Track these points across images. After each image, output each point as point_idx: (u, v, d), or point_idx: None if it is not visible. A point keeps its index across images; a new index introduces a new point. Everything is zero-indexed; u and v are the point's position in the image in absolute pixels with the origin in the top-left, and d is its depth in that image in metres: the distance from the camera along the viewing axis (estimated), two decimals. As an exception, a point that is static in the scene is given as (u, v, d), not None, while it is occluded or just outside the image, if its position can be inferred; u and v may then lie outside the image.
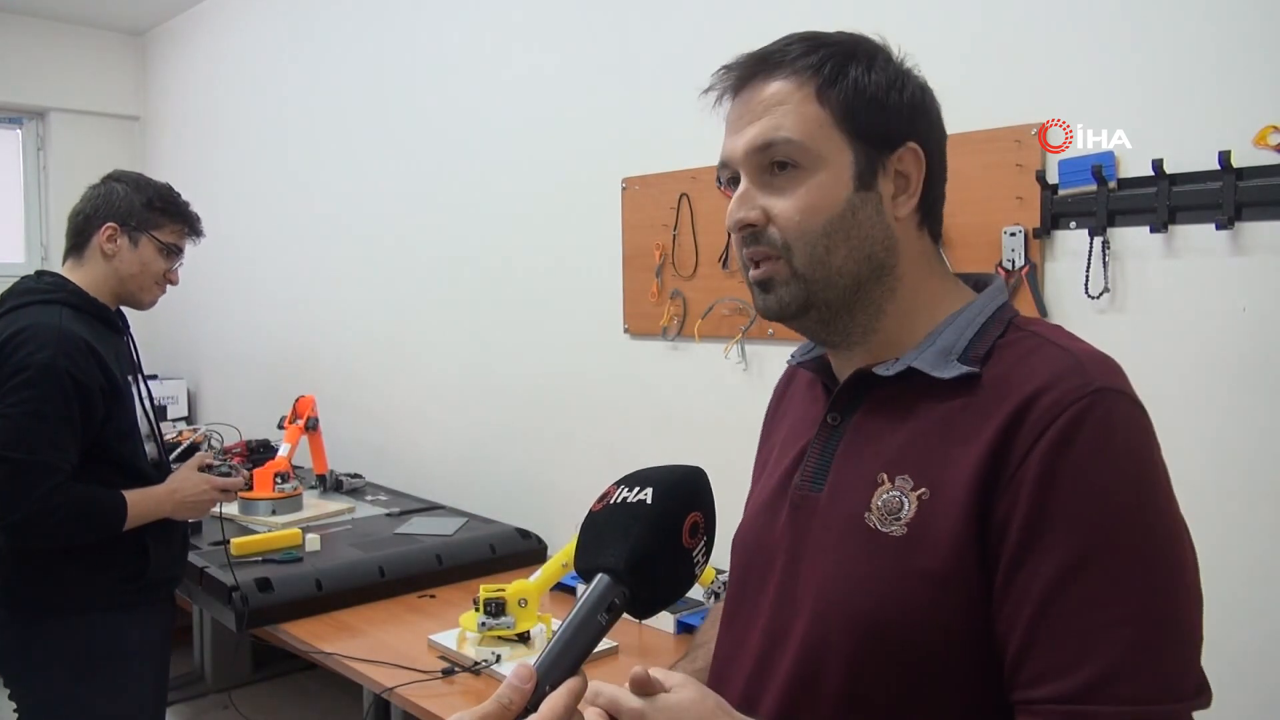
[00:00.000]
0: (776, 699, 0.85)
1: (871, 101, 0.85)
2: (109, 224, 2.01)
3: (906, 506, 0.80)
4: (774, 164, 0.86)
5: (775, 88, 0.86)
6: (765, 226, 0.86)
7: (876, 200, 0.86)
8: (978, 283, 0.93)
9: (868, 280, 0.86)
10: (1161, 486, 0.77)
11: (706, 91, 0.91)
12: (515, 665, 0.70)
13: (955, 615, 0.77)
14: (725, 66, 0.90)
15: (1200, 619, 0.77)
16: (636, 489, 0.79)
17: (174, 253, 2.11)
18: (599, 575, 0.76)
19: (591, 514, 0.81)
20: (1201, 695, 0.74)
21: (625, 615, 0.77)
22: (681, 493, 0.80)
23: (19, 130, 4.77)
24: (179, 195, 2.14)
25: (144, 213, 2.04)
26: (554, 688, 0.70)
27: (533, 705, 0.69)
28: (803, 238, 0.85)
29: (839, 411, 0.90)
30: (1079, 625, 0.72)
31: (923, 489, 0.80)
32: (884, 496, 0.82)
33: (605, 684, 0.74)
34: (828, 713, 0.82)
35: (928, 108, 0.89)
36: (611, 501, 0.80)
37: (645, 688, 0.73)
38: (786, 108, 0.85)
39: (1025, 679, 0.74)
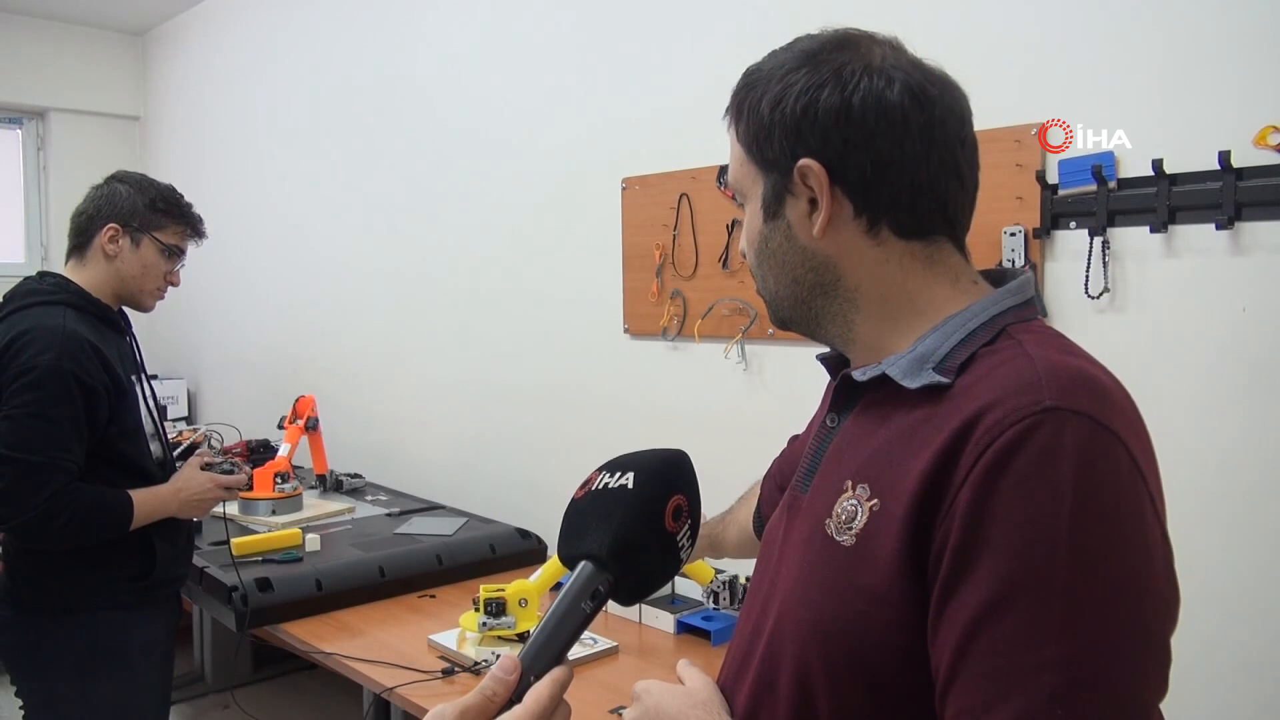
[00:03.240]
0: (745, 697, 0.86)
1: (760, 128, 0.84)
2: (111, 225, 2.01)
3: (859, 516, 0.78)
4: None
5: (731, 132, 0.90)
6: None
7: (785, 226, 0.85)
8: (1000, 280, 0.86)
9: (810, 299, 0.87)
10: (1112, 523, 0.68)
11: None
12: (500, 656, 0.70)
13: (890, 633, 0.74)
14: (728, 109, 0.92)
15: (1156, 673, 0.70)
16: (618, 474, 0.80)
17: (176, 254, 2.11)
18: (582, 562, 0.76)
19: (574, 501, 0.81)
20: None
21: (624, 612, 0.78)
22: (663, 476, 0.80)
23: (19, 130, 4.77)
24: (182, 196, 2.13)
25: (146, 214, 2.04)
26: (539, 678, 0.70)
27: (517, 696, 0.69)
28: (750, 267, 0.92)
29: (836, 413, 0.89)
30: (997, 666, 0.67)
31: (875, 500, 0.77)
32: (844, 504, 0.80)
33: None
34: (781, 715, 0.82)
35: (819, 115, 0.80)
36: (593, 488, 0.80)
37: None
38: (731, 150, 0.90)
39: (948, 714, 0.70)
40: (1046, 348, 0.76)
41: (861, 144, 0.80)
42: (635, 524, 0.77)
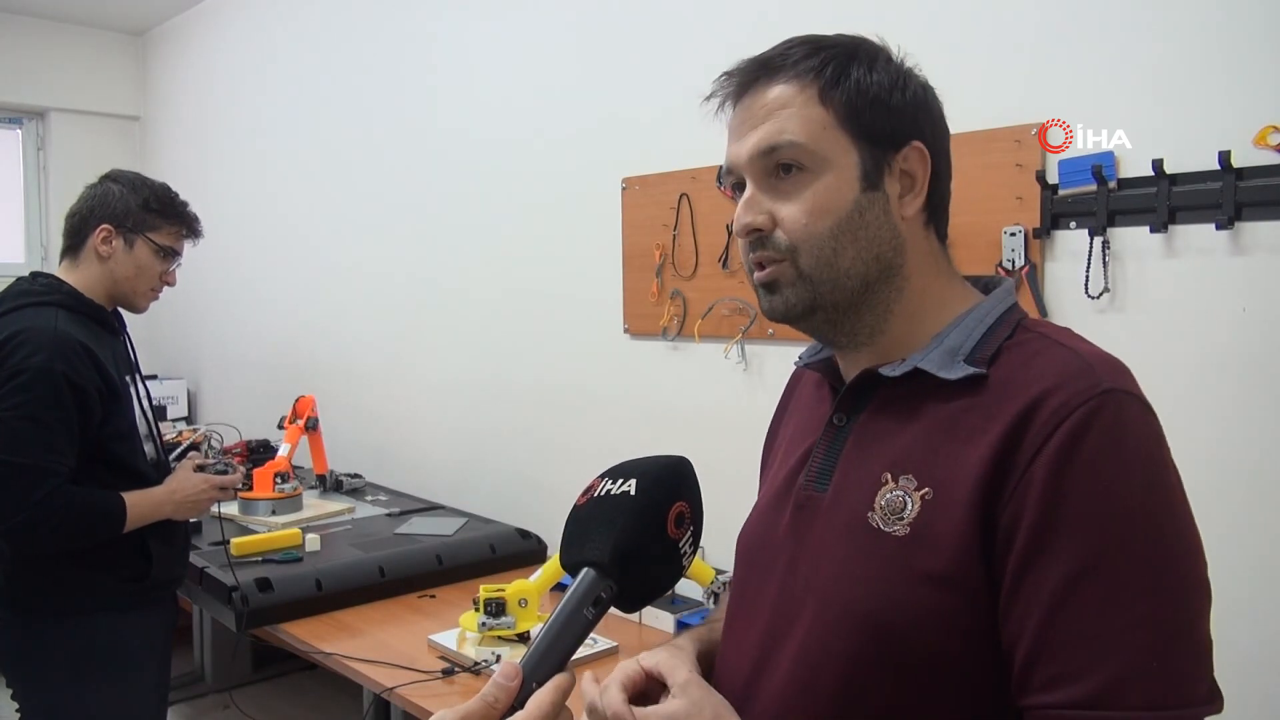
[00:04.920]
0: (774, 699, 0.85)
1: (875, 101, 0.85)
2: (104, 225, 1.99)
3: (909, 506, 0.80)
4: (780, 167, 0.86)
5: (778, 91, 0.86)
6: (772, 231, 0.86)
7: (884, 200, 0.86)
8: (986, 285, 0.92)
9: (876, 281, 0.87)
10: (1172, 490, 0.77)
11: (709, 98, 0.91)
12: (502, 663, 0.70)
13: (957, 616, 0.77)
14: (727, 73, 0.90)
15: (1208, 619, 0.76)
16: (620, 481, 0.80)
17: (170, 255, 2.08)
18: (584, 569, 0.76)
19: (576, 508, 0.81)
20: (1214, 701, 0.74)
21: (623, 614, 0.78)
22: (665, 483, 0.80)
23: (19, 130, 4.77)
24: (177, 196, 2.11)
25: (140, 214, 2.02)
26: (540, 684, 0.70)
27: (519, 703, 0.69)
28: (810, 240, 0.85)
29: (845, 412, 0.90)
30: (1090, 630, 0.72)
31: (926, 489, 0.80)
32: (887, 496, 0.81)
33: (604, 696, 0.77)
34: (824, 713, 0.81)
35: (930, 107, 0.89)
36: (595, 494, 0.80)
37: (640, 685, 0.79)
38: (790, 111, 0.85)
39: (1037, 684, 0.73)
40: (1072, 339, 0.83)
41: (943, 147, 0.90)
42: (637, 531, 0.77)
